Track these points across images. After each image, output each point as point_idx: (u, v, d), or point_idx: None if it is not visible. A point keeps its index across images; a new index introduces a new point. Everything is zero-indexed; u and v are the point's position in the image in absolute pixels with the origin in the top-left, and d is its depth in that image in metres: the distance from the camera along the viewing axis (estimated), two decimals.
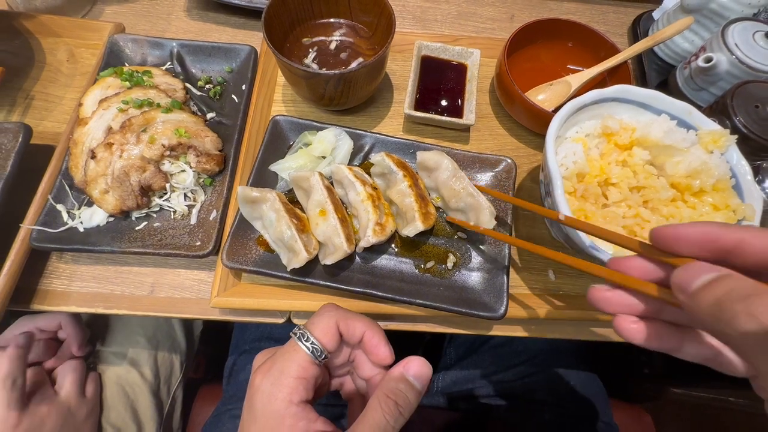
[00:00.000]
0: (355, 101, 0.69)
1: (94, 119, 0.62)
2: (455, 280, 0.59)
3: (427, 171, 0.62)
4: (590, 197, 0.54)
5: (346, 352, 0.45)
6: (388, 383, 0.39)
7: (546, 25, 0.73)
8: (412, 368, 0.40)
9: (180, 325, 0.89)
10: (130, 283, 0.61)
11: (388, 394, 0.38)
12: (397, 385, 0.39)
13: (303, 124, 0.66)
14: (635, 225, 0.52)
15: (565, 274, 0.63)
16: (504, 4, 0.91)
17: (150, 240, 0.60)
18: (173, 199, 0.62)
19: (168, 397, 0.83)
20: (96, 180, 0.58)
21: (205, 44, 0.73)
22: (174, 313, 0.60)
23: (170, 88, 0.68)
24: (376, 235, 0.55)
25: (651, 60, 0.83)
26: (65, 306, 0.59)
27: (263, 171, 0.63)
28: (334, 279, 0.57)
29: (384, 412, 0.37)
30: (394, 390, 0.38)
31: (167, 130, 0.61)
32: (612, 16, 0.91)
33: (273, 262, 0.57)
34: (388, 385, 0.39)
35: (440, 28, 0.87)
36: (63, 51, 0.75)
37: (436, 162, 0.60)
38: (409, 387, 0.39)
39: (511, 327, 0.62)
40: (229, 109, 0.70)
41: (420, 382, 0.39)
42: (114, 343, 0.79)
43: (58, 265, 0.61)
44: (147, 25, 0.82)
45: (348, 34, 0.72)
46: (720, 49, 0.67)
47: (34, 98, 0.71)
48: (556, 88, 0.72)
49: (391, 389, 0.38)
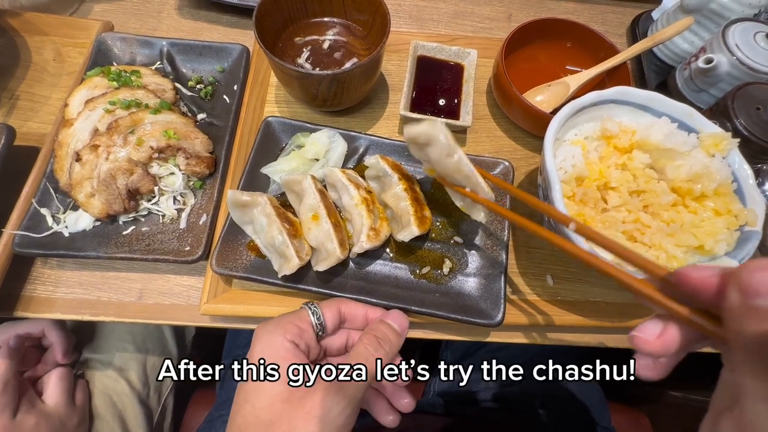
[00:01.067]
0: (350, 102, 0.68)
1: (79, 120, 0.60)
2: (451, 286, 0.57)
3: (417, 146, 0.52)
4: (589, 201, 0.53)
5: (343, 336, 0.50)
6: (370, 327, 0.46)
7: (544, 25, 0.71)
8: (391, 316, 0.48)
9: (171, 331, 0.88)
10: (118, 289, 0.59)
11: (369, 332, 0.45)
12: (377, 325, 0.46)
13: (296, 126, 0.64)
14: (635, 230, 0.51)
15: (563, 280, 0.62)
16: (501, 4, 0.90)
17: (138, 245, 0.58)
18: (162, 202, 0.60)
19: (158, 405, 0.81)
20: (81, 183, 0.57)
21: (196, 43, 0.71)
22: (163, 320, 0.59)
23: (159, 88, 0.66)
24: (371, 241, 0.53)
25: (650, 61, 0.81)
26: (50, 313, 0.57)
27: (255, 174, 0.61)
28: (327, 285, 0.55)
29: (365, 344, 0.43)
30: (374, 328, 0.46)
31: (155, 132, 0.59)
32: (611, 16, 0.90)
33: (264, 267, 0.56)
34: (369, 327, 0.46)
35: (437, 28, 0.86)
36: (49, 50, 0.73)
37: (428, 137, 0.49)
38: (388, 327, 0.46)
39: (508, 334, 0.61)
40: (220, 110, 0.69)
41: (398, 325, 0.46)
42: (101, 350, 0.77)
43: (42, 271, 0.59)
44: (137, 23, 0.80)
45: (342, 33, 0.70)
46: (720, 49, 0.66)
47: (19, 98, 0.69)
48: (554, 90, 0.70)
49: (372, 328, 0.46)
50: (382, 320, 0.47)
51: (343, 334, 0.51)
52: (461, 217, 0.62)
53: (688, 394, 1.04)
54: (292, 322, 0.45)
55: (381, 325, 0.46)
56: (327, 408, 0.39)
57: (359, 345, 0.44)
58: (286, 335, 0.44)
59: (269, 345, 0.43)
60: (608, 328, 0.60)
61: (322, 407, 0.39)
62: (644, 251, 0.49)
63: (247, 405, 0.41)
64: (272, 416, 0.40)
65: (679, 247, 0.48)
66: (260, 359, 0.42)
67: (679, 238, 0.49)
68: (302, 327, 0.45)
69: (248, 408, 0.41)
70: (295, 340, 0.44)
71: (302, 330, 0.45)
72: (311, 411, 0.39)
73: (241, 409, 0.42)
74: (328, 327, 0.48)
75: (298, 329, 0.45)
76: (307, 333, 0.46)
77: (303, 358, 0.43)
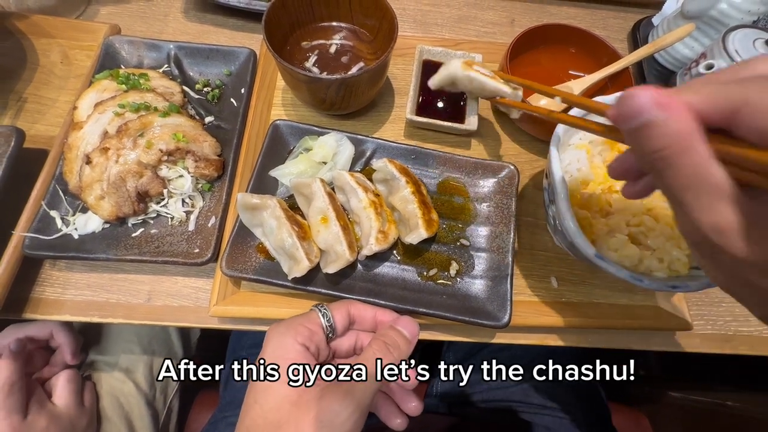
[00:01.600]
0: (357, 106, 0.68)
1: (89, 123, 0.60)
2: (458, 288, 0.58)
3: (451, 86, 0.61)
4: (594, 205, 0.54)
5: (352, 338, 0.51)
6: (379, 332, 0.47)
7: (548, 31, 0.72)
8: (400, 322, 0.48)
9: (176, 332, 0.88)
10: (126, 291, 0.60)
11: (378, 337, 0.45)
12: (386, 331, 0.46)
13: (303, 129, 0.65)
14: (639, 234, 0.52)
15: (567, 282, 0.63)
16: (504, 9, 0.91)
17: (147, 247, 0.58)
18: (171, 205, 0.61)
19: (164, 407, 0.81)
20: (91, 186, 0.57)
21: (203, 47, 0.72)
22: (171, 322, 0.59)
23: (167, 91, 0.67)
24: (379, 243, 0.54)
25: (651, 66, 0.83)
26: (59, 315, 0.58)
27: (263, 176, 0.62)
28: (336, 287, 0.56)
29: (374, 349, 0.44)
30: (383, 334, 0.46)
31: (165, 135, 0.60)
32: (612, 21, 0.92)
33: (273, 269, 0.56)
34: (379, 333, 0.47)
35: (441, 32, 0.87)
36: (56, 52, 0.73)
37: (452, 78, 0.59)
38: (397, 332, 0.46)
39: (513, 335, 0.62)
40: (227, 113, 0.69)
41: (408, 331, 0.47)
42: (108, 351, 0.77)
43: (51, 273, 0.60)
44: (143, 26, 0.80)
45: (349, 38, 0.71)
46: (721, 55, 0.67)
47: (26, 101, 0.69)
48: None
49: (381, 333, 0.46)
50: (392, 326, 0.47)
51: (353, 336, 0.51)
52: (467, 219, 0.63)
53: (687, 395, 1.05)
54: (303, 324, 0.46)
55: (391, 331, 0.46)
56: (335, 412, 0.39)
57: (368, 350, 0.44)
58: (297, 338, 0.44)
59: (280, 347, 0.44)
60: (612, 328, 0.61)
61: (329, 411, 0.39)
62: (648, 254, 0.49)
63: (256, 406, 0.42)
64: (280, 418, 0.40)
65: (682, 250, 0.49)
66: (260, 359, 0.43)
67: (681, 241, 0.50)
68: (312, 329, 0.46)
69: (257, 409, 0.42)
70: (305, 343, 0.44)
71: (312, 332, 0.46)
72: (319, 415, 0.39)
73: (250, 410, 0.42)
74: (338, 329, 0.48)
75: (309, 331, 0.45)
76: (317, 335, 0.46)
77: (312, 360, 0.44)
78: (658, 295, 0.62)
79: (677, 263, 0.49)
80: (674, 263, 0.49)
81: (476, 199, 0.64)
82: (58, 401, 0.62)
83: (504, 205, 0.62)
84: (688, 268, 0.49)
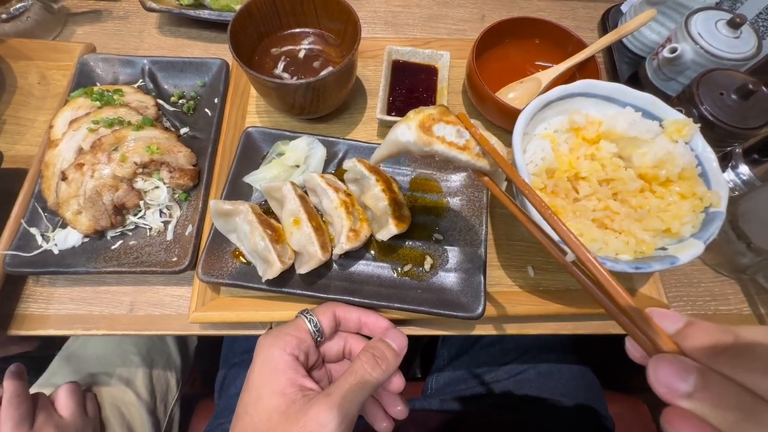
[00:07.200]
0: (327, 109, 0.69)
1: (64, 140, 0.62)
2: (433, 282, 0.59)
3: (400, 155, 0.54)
4: (560, 192, 0.54)
5: (341, 342, 0.52)
6: (368, 344, 0.47)
7: (513, 24, 0.73)
8: (389, 334, 0.48)
9: (174, 342, 0.89)
10: (109, 302, 0.61)
11: (367, 349, 0.46)
12: (375, 343, 0.47)
13: (275, 135, 0.66)
14: (605, 217, 0.52)
15: (544, 270, 0.63)
16: (474, 5, 0.92)
17: (126, 258, 0.59)
18: (148, 216, 0.62)
19: (165, 416, 0.82)
20: (68, 201, 0.58)
21: (177, 60, 0.73)
22: (154, 331, 0.60)
23: (142, 105, 0.68)
24: (350, 242, 0.55)
25: (622, 53, 0.83)
26: (43, 330, 0.59)
27: (237, 183, 0.63)
28: (312, 287, 0.57)
29: (363, 362, 0.44)
30: (372, 346, 0.46)
31: (139, 148, 0.61)
32: (581, 12, 0.92)
33: (250, 274, 0.57)
34: (368, 344, 0.47)
35: (412, 32, 0.88)
36: (34, 74, 0.75)
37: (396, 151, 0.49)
38: (386, 345, 0.47)
39: (494, 325, 0.62)
40: (202, 123, 0.71)
41: (396, 344, 0.47)
42: (107, 363, 0.78)
43: (35, 289, 0.61)
44: (119, 43, 0.82)
45: (317, 43, 0.72)
46: (684, 39, 0.68)
47: (5, 122, 0.71)
48: (526, 86, 0.72)
49: (370, 346, 0.47)
50: (381, 339, 0.48)
51: (341, 340, 0.52)
52: (440, 214, 0.63)
53: None
54: (290, 334, 0.47)
55: (379, 344, 0.47)
56: (322, 423, 0.40)
57: (357, 362, 0.44)
58: (285, 348, 0.45)
59: (269, 359, 0.45)
60: (588, 315, 0.61)
61: (317, 422, 0.40)
62: (614, 237, 0.50)
63: (246, 417, 0.43)
64: (269, 428, 0.41)
65: (647, 231, 0.50)
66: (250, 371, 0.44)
67: (647, 223, 0.50)
68: (300, 337, 0.47)
69: (247, 420, 0.43)
70: (294, 352, 0.45)
71: (300, 340, 0.47)
72: (306, 425, 0.40)
73: (240, 420, 0.43)
74: (326, 332, 0.50)
75: (297, 340, 0.46)
76: (305, 342, 0.47)
77: (302, 370, 0.45)
78: (634, 279, 0.63)
79: (643, 244, 0.49)
80: (640, 244, 0.49)
81: (449, 193, 0.65)
82: (63, 412, 0.63)
83: (476, 198, 0.63)
84: (654, 249, 0.49)
